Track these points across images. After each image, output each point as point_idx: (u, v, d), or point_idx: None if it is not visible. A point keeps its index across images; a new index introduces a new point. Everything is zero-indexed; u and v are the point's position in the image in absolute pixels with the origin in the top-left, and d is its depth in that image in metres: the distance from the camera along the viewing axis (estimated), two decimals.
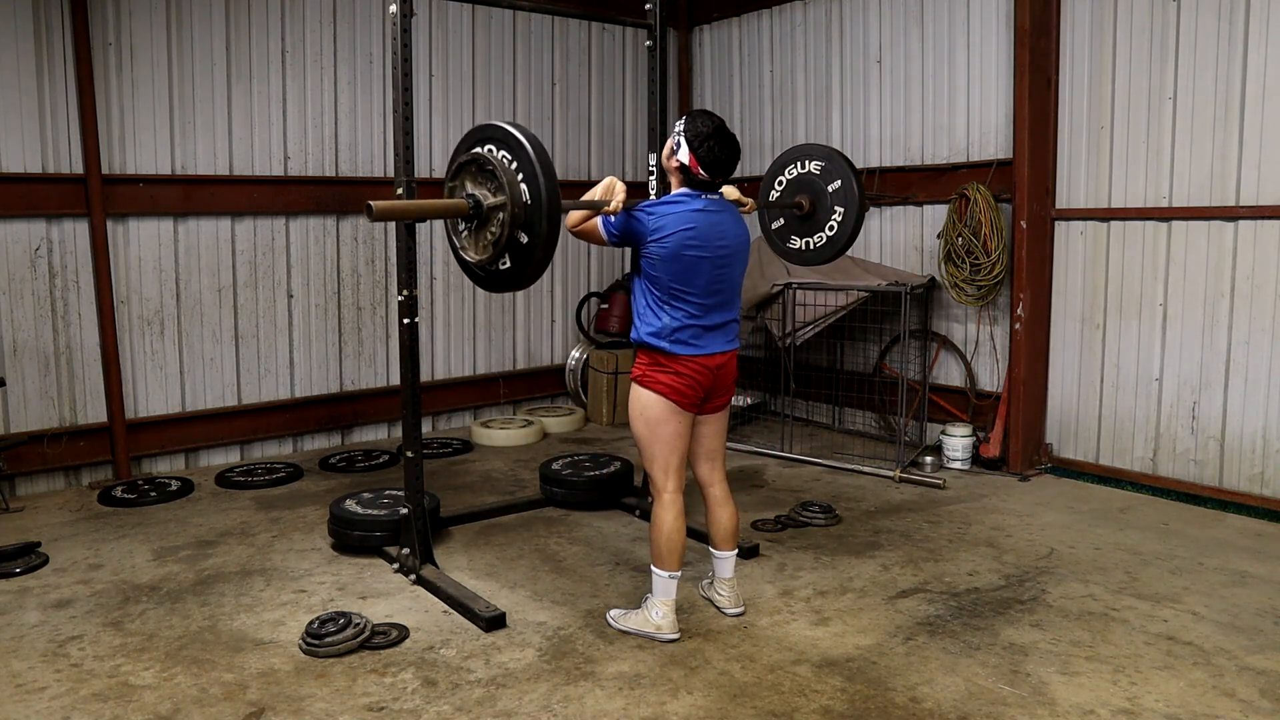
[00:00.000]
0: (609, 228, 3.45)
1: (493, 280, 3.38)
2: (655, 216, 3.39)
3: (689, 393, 3.51)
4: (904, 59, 6.45)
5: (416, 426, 4.17)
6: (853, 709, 3.05)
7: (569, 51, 7.45)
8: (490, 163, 3.17)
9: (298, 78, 6.16)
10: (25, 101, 5.22)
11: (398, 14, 3.88)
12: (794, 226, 4.45)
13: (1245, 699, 3.10)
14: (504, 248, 3.20)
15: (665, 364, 3.47)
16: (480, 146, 3.25)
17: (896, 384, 6.21)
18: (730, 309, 3.58)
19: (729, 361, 3.61)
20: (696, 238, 3.38)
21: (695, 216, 3.40)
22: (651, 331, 3.46)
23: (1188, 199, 5.17)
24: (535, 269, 3.18)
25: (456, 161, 3.34)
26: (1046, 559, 4.37)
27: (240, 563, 4.36)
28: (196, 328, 5.94)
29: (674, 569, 3.53)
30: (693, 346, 3.46)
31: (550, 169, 3.10)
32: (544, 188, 3.05)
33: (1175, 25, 5.13)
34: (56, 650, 3.48)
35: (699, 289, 3.42)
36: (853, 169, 4.26)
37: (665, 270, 3.39)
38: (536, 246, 3.11)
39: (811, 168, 4.34)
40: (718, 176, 3.46)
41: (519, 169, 3.13)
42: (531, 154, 3.09)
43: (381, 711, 3.06)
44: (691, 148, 3.42)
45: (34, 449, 5.39)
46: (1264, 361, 4.95)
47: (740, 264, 3.57)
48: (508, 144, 3.17)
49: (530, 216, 3.11)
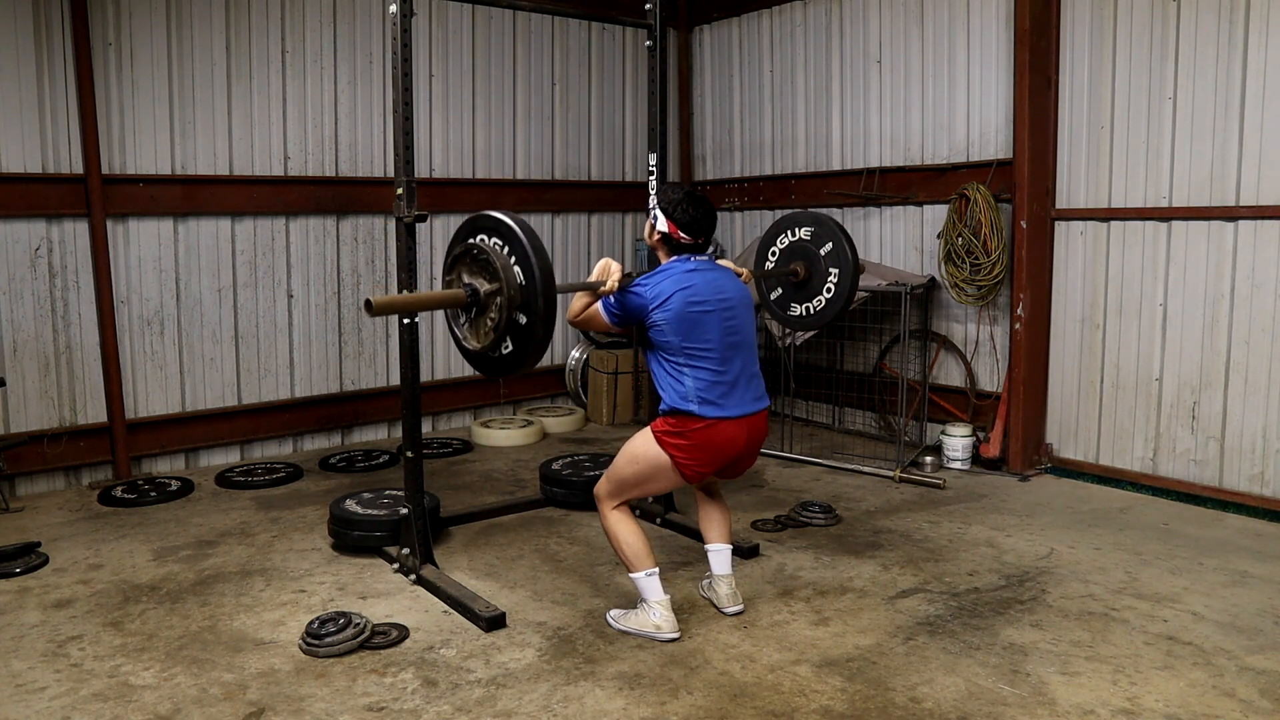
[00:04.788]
0: (609, 309, 3.49)
1: (497, 365, 3.40)
2: (650, 286, 3.44)
3: (707, 463, 3.48)
4: (904, 59, 6.45)
5: (416, 427, 4.17)
6: (853, 709, 3.05)
7: (569, 51, 7.45)
8: (483, 250, 3.26)
9: (298, 78, 6.16)
10: (25, 101, 5.22)
11: (398, 14, 3.88)
12: (791, 294, 4.55)
13: (1245, 699, 3.10)
14: (504, 331, 3.26)
15: (693, 429, 3.41)
16: (473, 236, 3.34)
17: (896, 384, 6.21)
18: (750, 361, 3.55)
19: (760, 423, 3.55)
20: (696, 294, 3.42)
21: (690, 276, 3.46)
22: (678, 395, 3.42)
23: (1188, 199, 5.16)
24: (537, 348, 3.22)
25: (451, 255, 3.43)
26: (1046, 559, 4.37)
27: (240, 563, 4.36)
28: (196, 328, 5.94)
29: (649, 566, 3.54)
30: (720, 406, 3.42)
31: (541, 248, 3.18)
32: (536, 267, 3.12)
33: (1175, 25, 5.13)
34: (56, 650, 3.48)
35: (713, 343, 3.42)
36: (841, 230, 4.36)
37: (675, 333, 3.40)
38: (535, 325, 3.17)
39: (802, 234, 4.46)
40: (699, 237, 3.53)
41: (510, 252, 3.21)
42: (521, 235, 3.18)
43: (381, 711, 3.06)
44: (668, 215, 3.51)
45: (34, 449, 5.39)
46: (1264, 361, 4.95)
47: (747, 316, 3.57)
48: (498, 230, 3.27)
49: (526, 297, 3.18)
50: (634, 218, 7.94)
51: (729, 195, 7.80)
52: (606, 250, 7.82)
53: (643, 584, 3.56)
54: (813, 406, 7.27)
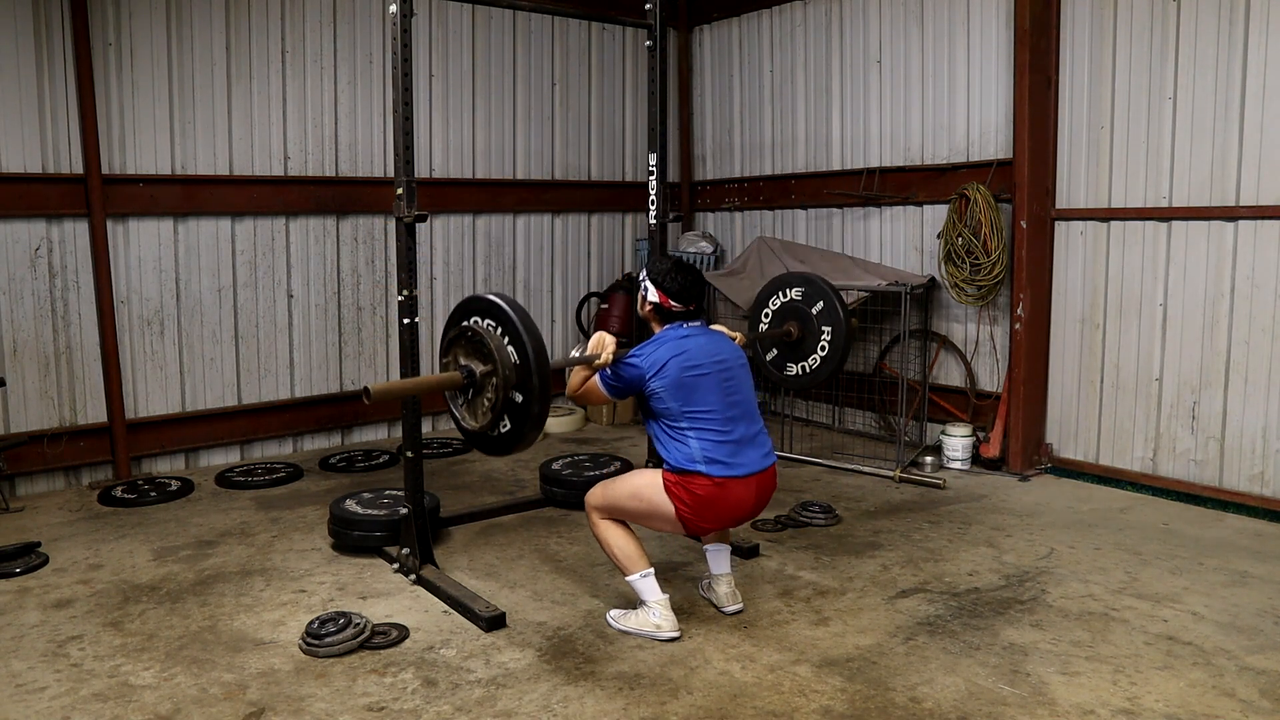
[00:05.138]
0: (607, 381, 3.52)
1: (496, 444, 3.43)
2: (645, 356, 3.47)
3: (711, 519, 3.47)
4: (904, 59, 6.45)
5: (416, 426, 4.18)
6: (853, 709, 3.05)
7: (569, 51, 7.45)
8: (477, 333, 3.32)
9: (298, 78, 6.16)
10: (25, 101, 5.22)
11: (398, 14, 3.88)
12: (787, 354, 4.62)
13: (1245, 699, 3.09)
14: (501, 410, 3.30)
15: (700, 485, 3.39)
16: (466, 319, 3.40)
17: (896, 384, 6.21)
18: (754, 419, 3.55)
19: (768, 479, 3.54)
20: (691, 359, 3.44)
21: (684, 342, 3.49)
22: (684, 457, 3.41)
23: (1188, 199, 5.16)
24: (534, 425, 3.26)
25: (447, 337, 3.49)
26: (1046, 559, 4.37)
27: (240, 563, 4.36)
28: (196, 328, 5.94)
29: (643, 568, 3.55)
30: (729, 465, 3.41)
31: (533, 326, 3.25)
32: (529, 346, 3.19)
33: (1175, 25, 5.13)
34: (56, 650, 3.48)
35: (714, 405, 3.43)
36: (831, 288, 4.44)
37: (674, 399, 3.41)
38: (532, 402, 3.21)
39: (793, 295, 4.54)
40: (690, 304, 3.58)
41: (504, 333, 3.27)
42: (512, 316, 3.24)
43: (381, 711, 3.06)
44: (658, 285, 3.57)
45: (34, 449, 5.39)
46: (1264, 361, 4.94)
47: (745, 377, 3.59)
48: (491, 312, 3.33)
49: (521, 375, 3.23)
50: (634, 218, 7.94)
51: (729, 195, 7.80)
52: (606, 251, 7.83)
53: (638, 585, 3.56)
54: (813, 406, 7.27)
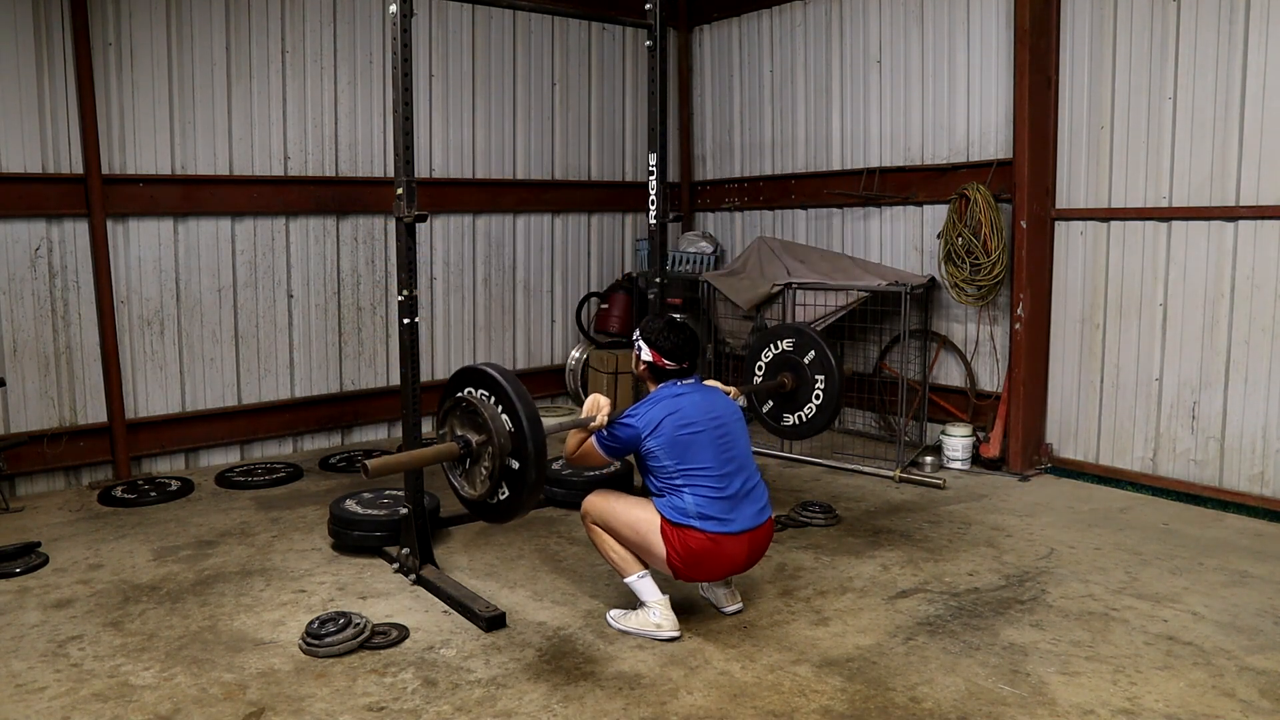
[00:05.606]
0: (603, 443, 3.55)
1: (496, 512, 3.44)
2: (639, 415, 3.49)
3: (701, 571, 3.47)
4: (904, 59, 6.45)
5: (417, 426, 4.18)
6: (853, 709, 3.05)
7: (569, 51, 7.45)
8: (471, 404, 3.34)
9: (298, 78, 6.16)
10: (25, 101, 5.22)
11: (398, 14, 3.88)
12: (783, 405, 4.69)
13: (1245, 699, 3.10)
14: (499, 478, 3.32)
15: (694, 538, 3.40)
16: (460, 390, 3.43)
17: (896, 384, 6.21)
18: (750, 474, 3.56)
19: (762, 536, 3.54)
20: (685, 417, 3.46)
21: (678, 401, 3.51)
22: (679, 511, 3.42)
23: (1188, 199, 5.16)
24: (531, 492, 3.27)
25: (442, 409, 3.51)
26: (1046, 559, 4.37)
27: (240, 563, 4.36)
28: (196, 328, 5.94)
29: (641, 569, 3.57)
30: (724, 522, 3.41)
31: (525, 394, 3.27)
32: (523, 414, 3.21)
33: (1175, 25, 5.13)
34: (56, 650, 3.48)
35: (709, 461, 3.44)
36: (821, 337, 4.54)
37: (670, 457, 3.43)
38: (528, 469, 3.23)
39: (785, 346, 4.61)
40: (683, 362, 3.60)
41: (497, 402, 3.29)
42: (505, 385, 3.27)
43: (381, 711, 3.06)
44: (651, 344, 3.60)
45: (34, 449, 5.39)
46: (1264, 361, 4.94)
47: (741, 433, 3.60)
48: (483, 382, 3.36)
49: (516, 443, 3.25)
50: (634, 218, 7.94)
51: (729, 195, 7.80)
52: (606, 251, 7.83)
53: (637, 586, 3.57)
54: None
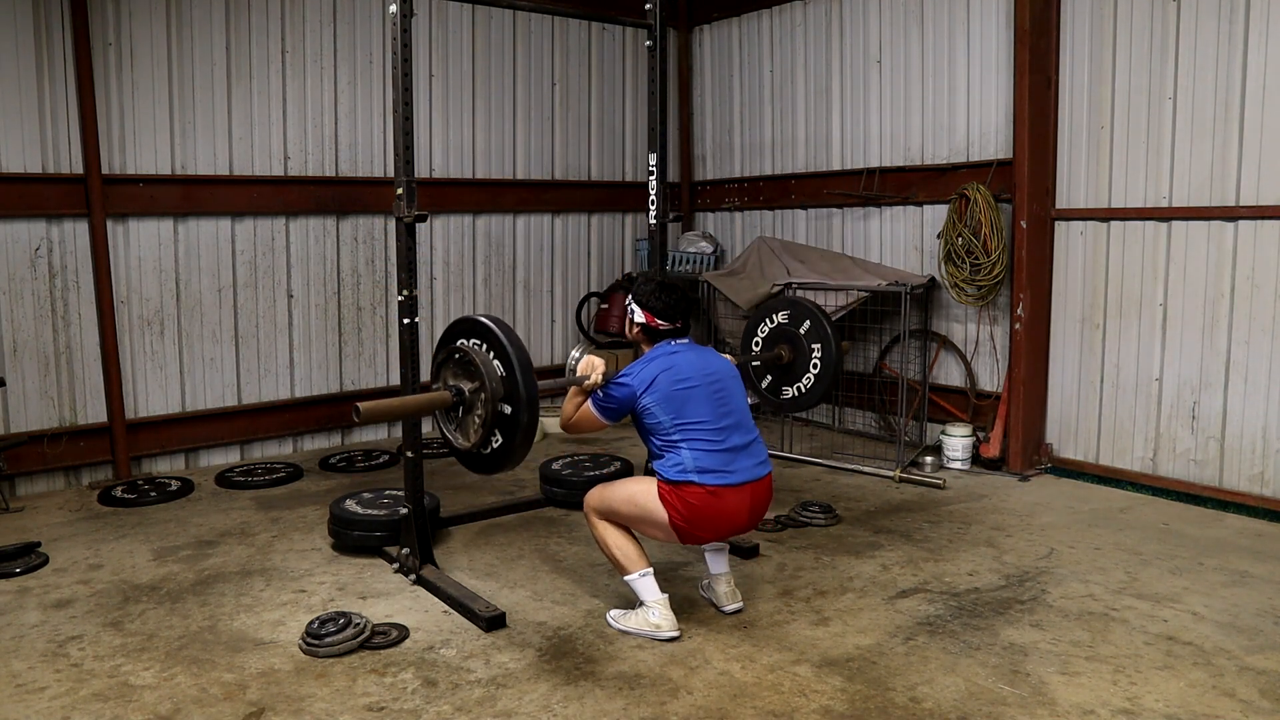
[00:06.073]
0: (599, 404, 3.55)
1: (489, 462, 3.46)
2: (634, 375, 3.50)
3: (705, 529, 3.47)
4: (904, 59, 6.45)
5: (416, 426, 4.18)
6: (853, 709, 3.05)
7: (569, 51, 7.45)
8: (464, 352, 3.37)
9: (298, 78, 6.16)
10: (25, 101, 5.22)
11: (398, 14, 3.88)
12: (781, 377, 4.69)
13: (1245, 699, 3.10)
14: (491, 425, 3.34)
15: (694, 494, 3.41)
16: (454, 342, 3.46)
17: (896, 384, 6.21)
18: (748, 429, 3.56)
19: (763, 490, 3.56)
20: (680, 373, 3.48)
21: (672, 359, 3.53)
22: (677, 469, 3.42)
23: (1188, 199, 5.16)
24: (525, 436, 3.29)
25: (436, 363, 3.54)
26: (1046, 559, 4.37)
27: (240, 563, 4.36)
28: (196, 328, 5.95)
29: (642, 567, 3.56)
30: (722, 474, 3.42)
31: (516, 339, 3.31)
32: (514, 357, 3.25)
33: (1175, 25, 5.13)
34: (56, 650, 3.48)
35: (706, 415, 3.45)
36: (816, 308, 4.53)
37: (665, 412, 3.44)
38: (520, 411, 3.25)
39: (780, 319, 4.62)
40: (676, 321, 3.61)
41: (488, 348, 3.32)
42: (496, 330, 3.31)
43: (381, 711, 3.06)
44: (643, 306, 3.62)
45: (34, 449, 5.39)
46: (1264, 361, 4.94)
47: (737, 388, 3.62)
48: (475, 330, 3.41)
49: (508, 387, 3.27)
50: (634, 218, 7.94)
51: (729, 195, 7.80)
52: (606, 251, 7.83)
53: (637, 585, 3.56)
54: None
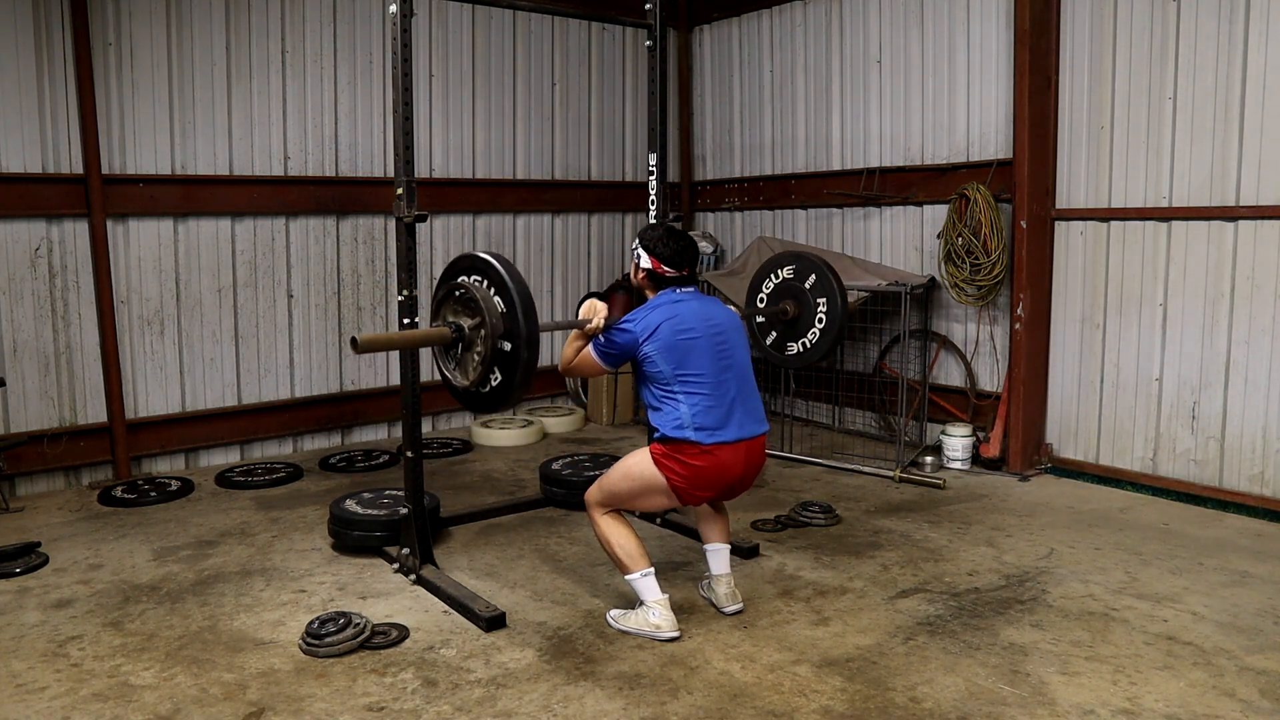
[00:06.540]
0: (600, 349, 3.53)
1: (487, 400, 3.44)
2: (637, 321, 3.48)
3: (703, 486, 3.48)
4: (904, 59, 6.45)
5: (416, 426, 4.17)
6: (853, 709, 3.05)
7: (569, 51, 7.45)
8: (465, 289, 3.35)
9: (298, 78, 6.16)
10: (25, 101, 5.22)
11: (398, 14, 3.88)
12: (787, 334, 4.62)
13: (1245, 699, 3.10)
14: (490, 362, 3.32)
15: (690, 453, 3.42)
16: (454, 278, 3.44)
17: (896, 384, 6.21)
18: (746, 385, 3.56)
19: (758, 448, 3.56)
20: (683, 323, 3.46)
21: (676, 307, 3.51)
22: (675, 425, 3.42)
23: (1188, 199, 5.16)
24: (525, 373, 3.27)
25: (436, 300, 3.52)
26: (1046, 559, 4.37)
27: (240, 563, 4.36)
28: (196, 328, 5.95)
29: (643, 567, 3.55)
30: (718, 431, 3.42)
31: (517, 275, 3.30)
32: (515, 292, 3.23)
33: (1175, 25, 5.13)
34: (56, 650, 3.48)
35: (706, 369, 3.44)
36: (822, 262, 4.44)
37: (666, 362, 3.42)
38: (520, 349, 3.23)
39: (785, 273, 4.55)
40: (683, 268, 3.59)
41: (489, 284, 3.31)
42: (497, 266, 3.28)
43: (381, 711, 3.06)
44: (650, 251, 3.58)
45: (34, 449, 5.39)
46: (1264, 361, 4.94)
47: (739, 341, 3.60)
48: (475, 267, 3.39)
49: (509, 324, 3.25)
50: (634, 218, 7.94)
51: (729, 195, 7.80)
52: (606, 251, 7.83)
53: (638, 585, 3.56)
54: (813, 406, 7.27)
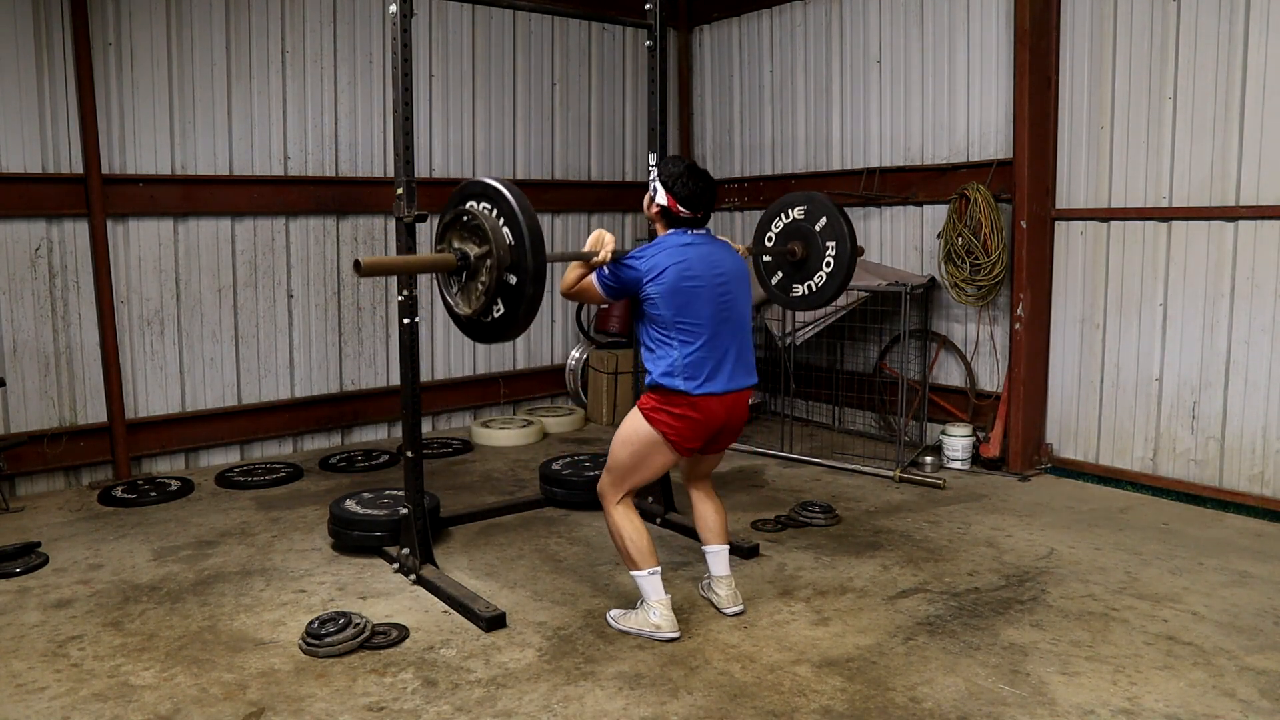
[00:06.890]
0: (603, 280, 3.50)
1: (489, 330, 3.41)
2: (645, 259, 3.44)
3: (692, 438, 3.50)
4: (904, 59, 6.45)
5: (416, 426, 4.17)
6: (853, 709, 3.05)
7: (569, 51, 7.45)
8: (473, 216, 3.28)
9: (298, 78, 6.16)
10: (25, 101, 5.22)
11: (398, 14, 3.88)
12: (793, 275, 4.54)
13: (1245, 699, 3.10)
14: (495, 293, 3.26)
15: (677, 404, 3.44)
16: (463, 204, 3.36)
17: (896, 384, 6.21)
18: (742, 337, 3.56)
19: (742, 400, 3.56)
20: (690, 268, 3.43)
21: (685, 250, 3.46)
22: (665, 370, 3.43)
23: (1188, 199, 5.16)
24: (528, 307, 3.23)
25: (442, 223, 3.45)
26: (1046, 559, 4.37)
27: (240, 563, 4.36)
28: (196, 328, 5.94)
29: (651, 565, 3.55)
30: (710, 381, 3.43)
31: (529, 208, 3.20)
32: (525, 226, 3.15)
33: (1175, 25, 5.13)
34: (56, 650, 3.48)
35: (705, 318, 3.43)
36: (834, 205, 4.35)
37: (667, 306, 3.41)
38: (525, 283, 3.18)
39: (796, 214, 4.46)
40: (697, 211, 3.53)
41: (499, 214, 3.23)
42: (509, 197, 3.20)
43: (381, 711, 3.06)
44: (667, 188, 3.52)
45: (34, 449, 5.38)
46: (1264, 361, 4.94)
47: (742, 291, 3.57)
48: (486, 195, 3.30)
49: (516, 256, 3.19)
50: (634, 218, 7.94)
51: (729, 195, 7.80)
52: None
53: (644, 583, 3.56)
54: (813, 406, 7.26)
